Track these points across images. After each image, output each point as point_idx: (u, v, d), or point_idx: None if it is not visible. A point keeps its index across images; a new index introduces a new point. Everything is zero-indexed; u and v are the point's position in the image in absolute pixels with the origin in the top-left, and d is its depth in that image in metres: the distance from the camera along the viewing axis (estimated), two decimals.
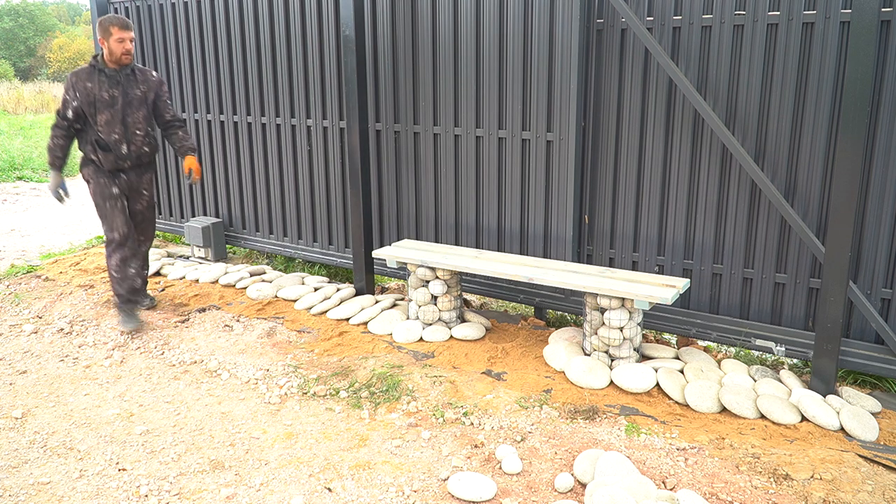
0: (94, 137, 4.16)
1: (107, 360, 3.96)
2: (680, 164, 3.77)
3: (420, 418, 3.19)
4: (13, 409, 3.41)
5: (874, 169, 3.28)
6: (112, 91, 4.13)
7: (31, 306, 4.80)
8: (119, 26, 4.03)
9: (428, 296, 4.16)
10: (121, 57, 4.09)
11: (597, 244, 4.13)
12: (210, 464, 2.89)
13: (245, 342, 4.10)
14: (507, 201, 4.33)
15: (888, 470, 2.70)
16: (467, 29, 4.23)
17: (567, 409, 3.19)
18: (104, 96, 4.11)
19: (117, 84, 4.15)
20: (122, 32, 4.04)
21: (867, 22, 2.99)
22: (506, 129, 4.24)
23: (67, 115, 4.14)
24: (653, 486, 2.54)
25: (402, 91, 4.59)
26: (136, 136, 4.27)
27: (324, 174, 5.12)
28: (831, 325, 3.29)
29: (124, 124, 4.20)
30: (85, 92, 4.09)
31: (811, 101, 3.37)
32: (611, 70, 3.86)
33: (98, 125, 4.13)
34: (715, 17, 3.51)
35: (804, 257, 3.53)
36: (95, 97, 4.09)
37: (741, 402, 3.19)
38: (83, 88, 4.09)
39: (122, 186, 4.31)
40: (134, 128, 4.24)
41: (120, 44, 4.05)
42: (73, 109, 4.12)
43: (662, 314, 3.95)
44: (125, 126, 4.20)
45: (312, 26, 4.88)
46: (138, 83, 4.24)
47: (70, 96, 4.11)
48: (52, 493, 2.72)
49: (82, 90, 4.09)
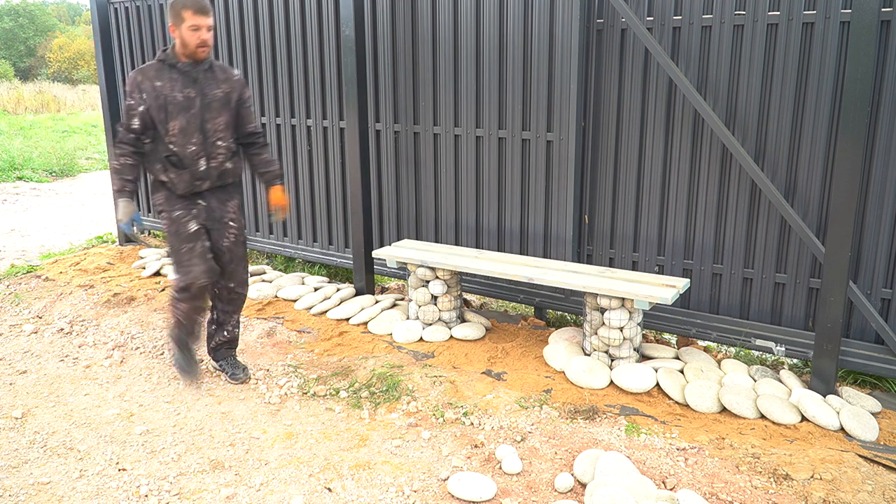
0: (165, 152, 3.28)
1: (107, 360, 3.96)
2: (680, 164, 3.77)
3: (420, 418, 3.19)
4: (13, 409, 3.41)
5: (874, 169, 3.28)
6: (187, 91, 3.25)
7: (31, 306, 4.80)
8: (194, 10, 3.16)
9: (428, 296, 4.16)
10: (196, 50, 3.21)
11: (597, 244, 4.13)
12: (210, 464, 2.89)
13: (245, 342, 4.10)
14: (508, 201, 4.33)
15: (888, 470, 2.70)
16: (467, 29, 4.23)
17: (567, 409, 3.19)
18: (178, 97, 3.23)
19: (194, 82, 3.27)
20: (197, 18, 3.17)
21: (867, 22, 2.99)
22: (506, 129, 4.24)
23: (133, 126, 3.25)
24: (653, 486, 2.54)
25: (402, 91, 4.59)
26: (217, 149, 3.34)
27: (324, 174, 5.12)
28: (831, 325, 3.29)
29: (203, 132, 3.29)
30: (154, 93, 3.21)
31: (811, 101, 3.37)
32: (611, 70, 3.86)
33: (170, 134, 3.25)
34: (715, 17, 3.51)
35: (804, 257, 3.53)
36: (167, 99, 3.22)
37: (741, 402, 3.18)
38: (151, 89, 3.21)
39: (202, 218, 3.39)
40: (215, 137, 3.33)
41: (195, 32, 3.18)
42: (141, 116, 3.24)
43: (662, 314, 3.95)
44: (204, 135, 3.30)
45: (312, 26, 4.88)
46: (218, 81, 3.34)
47: (135, 100, 3.23)
48: (52, 493, 2.72)
49: (150, 91, 3.21)
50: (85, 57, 36.35)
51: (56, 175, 10.98)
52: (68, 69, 36.35)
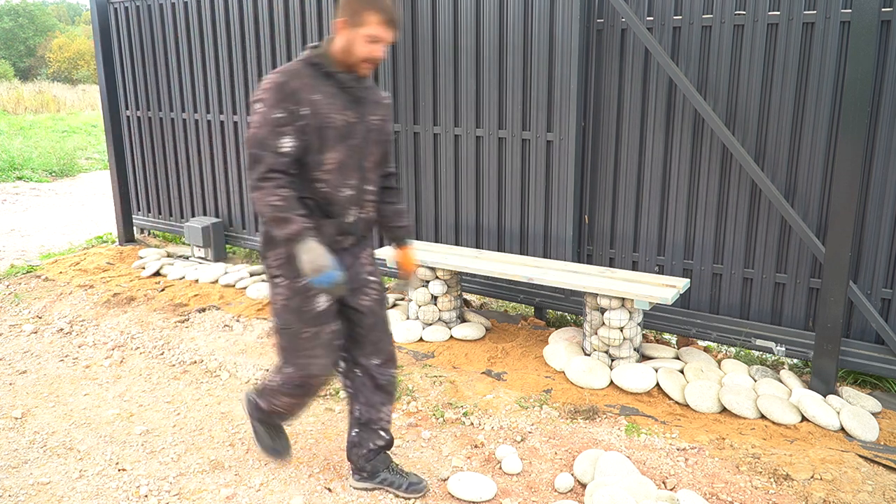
0: (309, 193, 2.34)
1: (107, 360, 3.96)
2: (680, 164, 3.77)
3: (420, 418, 3.19)
4: (13, 409, 3.41)
5: (874, 169, 3.28)
6: (348, 113, 2.33)
7: (31, 306, 4.80)
8: (383, 14, 2.22)
9: (428, 296, 4.16)
10: (360, 63, 2.28)
11: (597, 244, 4.13)
12: (210, 464, 2.89)
13: (245, 342, 4.10)
14: (507, 201, 4.33)
15: (888, 470, 2.70)
16: (467, 29, 4.22)
17: (567, 409, 3.19)
18: (338, 120, 2.30)
19: (357, 102, 2.37)
20: (381, 29, 2.23)
21: (867, 22, 2.99)
22: (506, 129, 4.24)
23: (284, 147, 2.22)
24: (653, 487, 2.54)
25: (402, 91, 4.59)
26: (367, 194, 2.46)
27: None
28: (831, 325, 3.29)
29: (361, 171, 2.41)
30: (313, 109, 2.25)
31: (811, 101, 3.37)
32: (611, 70, 3.86)
33: (323, 170, 2.31)
34: (715, 17, 3.51)
35: (804, 257, 3.53)
36: (324, 121, 2.27)
37: (741, 402, 3.18)
38: (310, 102, 2.25)
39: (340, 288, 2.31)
40: (368, 178, 2.45)
41: (371, 45, 2.25)
42: (297, 134, 2.24)
43: (662, 314, 3.95)
44: (362, 174, 2.42)
45: (312, 26, 4.88)
46: (374, 105, 2.44)
47: (283, 116, 2.22)
48: (51, 493, 2.72)
49: (309, 104, 2.24)
50: (85, 57, 36.35)
51: (56, 175, 10.98)
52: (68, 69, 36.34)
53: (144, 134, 6.20)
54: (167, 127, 6.00)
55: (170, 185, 6.18)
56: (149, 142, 6.19)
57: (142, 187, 6.40)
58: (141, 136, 6.24)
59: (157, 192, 6.31)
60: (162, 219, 6.35)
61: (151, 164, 6.25)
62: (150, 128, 6.15)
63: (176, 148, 6.01)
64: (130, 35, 6.07)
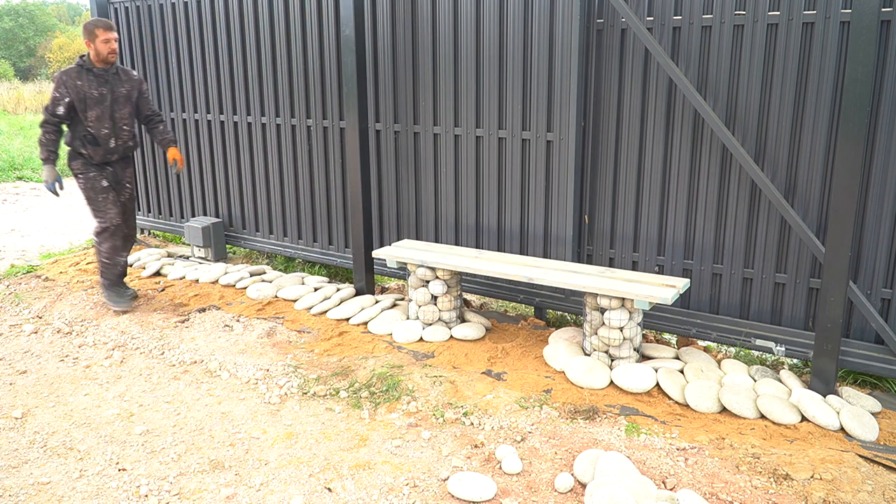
0: (83, 133, 4.44)
1: (107, 360, 3.96)
2: (680, 164, 3.77)
3: (420, 418, 3.19)
4: (13, 409, 3.41)
5: (874, 169, 3.28)
6: (101, 89, 4.42)
7: (31, 306, 4.80)
8: (104, 28, 4.35)
9: (428, 296, 4.16)
10: (107, 56, 4.39)
11: (597, 244, 4.13)
12: (210, 464, 2.89)
13: (245, 342, 4.10)
14: (507, 201, 4.33)
15: (888, 470, 2.70)
16: (467, 29, 4.22)
17: (567, 409, 3.19)
18: (94, 94, 4.39)
19: (106, 82, 4.44)
20: (107, 34, 4.36)
21: (867, 22, 2.99)
22: (506, 129, 4.24)
23: (58, 112, 4.37)
24: (653, 486, 2.54)
25: (402, 91, 4.59)
26: (123, 132, 4.57)
27: (324, 174, 5.12)
28: (831, 325, 3.29)
29: (113, 120, 4.50)
30: (76, 89, 4.35)
31: (811, 101, 3.37)
32: (611, 70, 3.86)
33: (88, 121, 4.42)
34: (715, 17, 3.51)
35: (804, 257, 3.53)
36: (86, 94, 4.37)
37: (741, 402, 3.18)
38: (74, 86, 4.35)
39: (110, 179, 4.59)
40: (121, 123, 4.54)
41: (106, 44, 4.36)
42: (65, 105, 4.36)
43: (662, 314, 3.95)
44: (114, 121, 4.51)
45: (312, 26, 4.88)
46: (122, 81, 4.53)
47: (61, 93, 4.36)
48: (52, 493, 2.72)
49: (73, 87, 4.35)
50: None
51: None
52: None
53: (144, 134, 6.20)
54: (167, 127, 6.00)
55: (170, 185, 6.18)
56: (148, 142, 6.19)
57: (142, 187, 6.40)
58: (141, 137, 6.24)
59: (157, 192, 6.31)
60: (162, 219, 6.35)
61: (151, 164, 6.25)
62: None
63: None
64: (130, 35, 6.07)
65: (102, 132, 4.48)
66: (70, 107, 4.38)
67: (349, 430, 3.13)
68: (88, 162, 4.53)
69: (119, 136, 4.56)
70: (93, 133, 4.46)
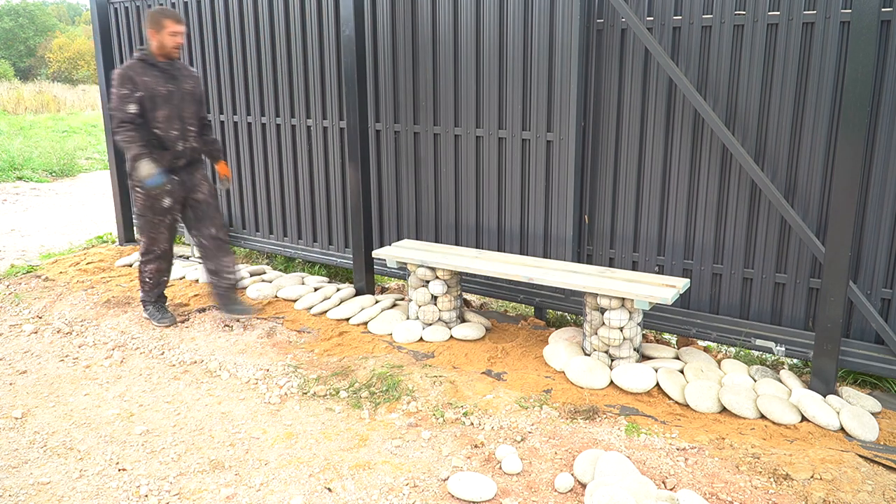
0: (149, 136, 3.98)
1: (107, 360, 3.96)
2: (680, 164, 3.77)
3: (420, 418, 3.19)
4: (13, 409, 3.41)
5: (874, 169, 3.28)
6: (168, 85, 3.99)
7: (31, 306, 4.80)
8: (174, 19, 3.92)
9: (428, 296, 4.16)
10: (171, 50, 3.97)
11: (597, 244, 4.13)
12: (210, 464, 2.89)
13: (245, 342, 4.10)
14: (507, 201, 4.33)
15: (888, 470, 2.70)
16: (467, 29, 4.23)
17: (567, 409, 3.19)
18: (161, 91, 3.95)
19: (172, 78, 4.02)
20: (177, 26, 3.94)
21: (867, 22, 2.99)
22: (506, 129, 4.24)
23: (130, 110, 3.89)
24: (653, 486, 2.54)
25: (402, 91, 4.59)
26: (190, 133, 4.13)
27: (324, 174, 5.12)
28: (831, 325, 3.29)
29: (181, 120, 4.06)
30: (144, 85, 3.90)
31: (811, 101, 3.37)
32: (611, 70, 3.86)
33: (157, 122, 3.97)
34: (715, 17, 3.51)
35: (804, 257, 3.53)
36: (154, 91, 3.92)
37: (741, 402, 3.18)
38: (142, 82, 3.90)
39: (176, 193, 4.12)
40: (188, 123, 4.11)
41: (173, 37, 3.94)
42: (137, 101, 3.89)
43: (662, 314, 3.95)
44: (182, 121, 4.07)
45: (312, 26, 4.88)
46: (185, 77, 4.11)
47: (129, 89, 3.88)
48: (52, 493, 2.72)
49: (141, 83, 3.89)
50: (85, 57, 36.34)
51: (56, 175, 10.98)
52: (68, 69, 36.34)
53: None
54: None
55: None
56: None
57: None
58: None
59: None
60: None
61: None
62: None
63: None
64: (130, 35, 6.07)
65: (171, 134, 4.02)
66: (140, 104, 3.90)
67: (349, 430, 3.13)
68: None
69: (187, 138, 4.11)
70: (161, 136, 3.99)
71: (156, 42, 3.93)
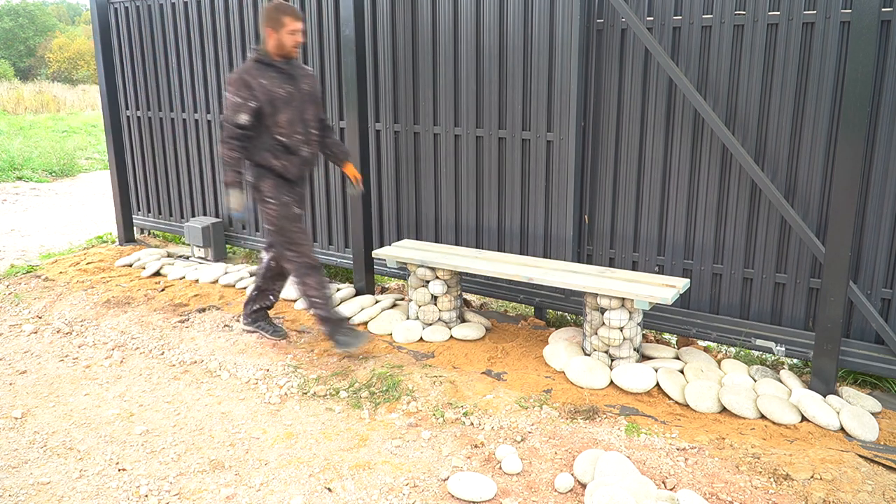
0: (272, 143, 3.65)
1: (107, 360, 3.96)
2: (680, 164, 3.77)
3: (420, 418, 3.19)
4: (13, 409, 3.41)
5: (874, 169, 3.28)
6: (287, 86, 3.64)
7: (31, 306, 4.80)
8: (293, 17, 3.58)
9: (428, 296, 4.16)
10: (290, 50, 3.63)
11: (597, 244, 4.13)
12: (210, 464, 2.89)
13: (245, 342, 4.10)
14: (507, 201, 4.33)
15: (888, 470, 2.70)
16: (467, 29, 4.23)
17: (567, 409, 3.19)
18: (281, 93, 3.61)
19: (291, 78, 3.67)
20: (296, 23, 3.59)
21: (867, 22, 2.99)
22: (506, 129, 4.24)
23: (241, 121, 3.55)
24: (653, 486, 2.54)
25: (402, 91, 4.59)
26: (312, 137, 3.78)
27: (324, 174, 5.12)
28: (831, 325, 3.29)
29: (304, 123, 3.72)
30: (262, 89, 3.56)
31: (811, 101, 3.37)
32: (611, 70, 3.86)
33: (279, 127, 3.63)
34: (715, 17, 3.51)
35: (804, 257, 3.53)
36: (273, 95, 3.58)
37: (741, 402, 3.18)
38: (259, 86, 3.56)
39: (300, 203, 3.84)
40: (311, 126, 3.77)
41: (292, 36, 3.60)
42: (250, 111, 3.56)
43: (662, 314, 3.95)
44: (305, 125, 3.72)
45: (312, 26, 4.88)
46: (303, 76, 3.76)
47: (244, 96, 3.54)
48: (52, 493, 2.72)
49: (259, 88, 3.56)
50: (85, 57, 36.35)
51: (56, 175, 10.98)
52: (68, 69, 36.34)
53: (144, 134, 6.20)
54: (167, 127, 6.01)
55: (170, 185, 6.18)
56: (149, 142, 6.20)
57: (142, 187, 6.41)
58: (141, 136, 6.25)
59: (157, 192, 6.31)
60: (162, 219, 6.35)
61: (151, 164, 6.25)
62: (150, 128, 6.15)
63: (176, 148, 6.01)
64: (130, 35, 6.07)
65: (295, 138, 3.67)
66: (255, 112, 3.57)
67: (349, 430, 3.13)
68: (281, 181, 3.73)
69: (310, 141, 3.76)
70: (285, 142, 3.66)
71: (273, 41, 3.60)
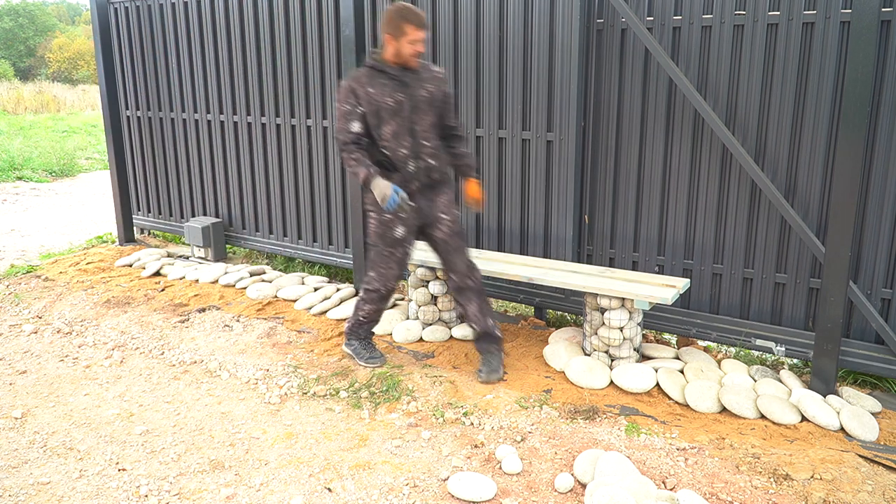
0: (380, 155, 3.43)
1: (107, 360, 3.96)
2: (680, 164, 3.77)
3: (420, 418, 3.19)
4: (13, 409, 3.41)
5: (874, 169, 3.28)
6: (397, 95, 3.34)
7: (31, 306, 4.80)
8: (417, 24, 3.24)
9: (428, 296, 4.16)
10: (409, 59, 3.32)
11: (597, 244, 4.13)
12: (210, 464, 2.89)
13: (245, 342, 4.10)
14: (507, 201, 4.33)
15: (888, 470, 2.70)
16: (467, 29, 4.22)
17: (567, 409, 3.19)
18: (388, 103, 3.33)
19: (403, 86, 3.35)
20: (418, 32, 3.26)
21: (867, 22, 2.99)
22: (506, 129, 4.24)
23: (353, 129, 3.36)
24: (653, 486, 2.54)
25: None
26: (424, 149, 3.43)
27: (324, 174, 5.12)
28: (831, 325, 3.29)
29: (412, 135, 3.40)
30: (367, 99, 3.33)
31: (811, 101, 3.37)
32: (611, 70, 3.86)
33: (383, 139, 3.38)
34: (715, 17, 3.51)
35: (804, 257, 3.53)
36: (379, 105, 3.33)
37: (741, 402, 3.18)
38: (365, 94, 3.33)
39: (410, 223, 3.48)
40: (422, 138, 3.42)
41: (412, 45, 3.28)
42: (360, 118, 3.36)
43: (662, 314, 3.95)
44: (413, 137, 3.40)
45: (312, 26, 4.88)
46: (422, 81, 3.41)
47: (351, 104, 3.35)
48: (52, 493, 2.72)
49: (365, 96, 3.33)
50: (85, 57, 36.35)
51: (56, 175, 10.98)
52: (68, 69, 36.35)
53: (144, 134, 6.20)
54: (167, 127, 6.01)
55: (170, 185, 6.18)
56: (149, 142, 6.20)
57: (142, 187, 6.41)
58: (141, 136, 6.25)
59: (157, 192, 6.31)
60: (162, 219, 6.35)
61: (151, 164, 6.25)
62: (150, 128, 6.15)
63: (176, 148, 6.01)
64: (130, 35, 6.07)
65: (400, 153, 3.38)
66: (364, 120, 3.37)
67: (349, 430, 3.13)
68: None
69: (419, 155, 3.42)
70: (389, 155, 3.40)
71: (392, 48, 3.31)
